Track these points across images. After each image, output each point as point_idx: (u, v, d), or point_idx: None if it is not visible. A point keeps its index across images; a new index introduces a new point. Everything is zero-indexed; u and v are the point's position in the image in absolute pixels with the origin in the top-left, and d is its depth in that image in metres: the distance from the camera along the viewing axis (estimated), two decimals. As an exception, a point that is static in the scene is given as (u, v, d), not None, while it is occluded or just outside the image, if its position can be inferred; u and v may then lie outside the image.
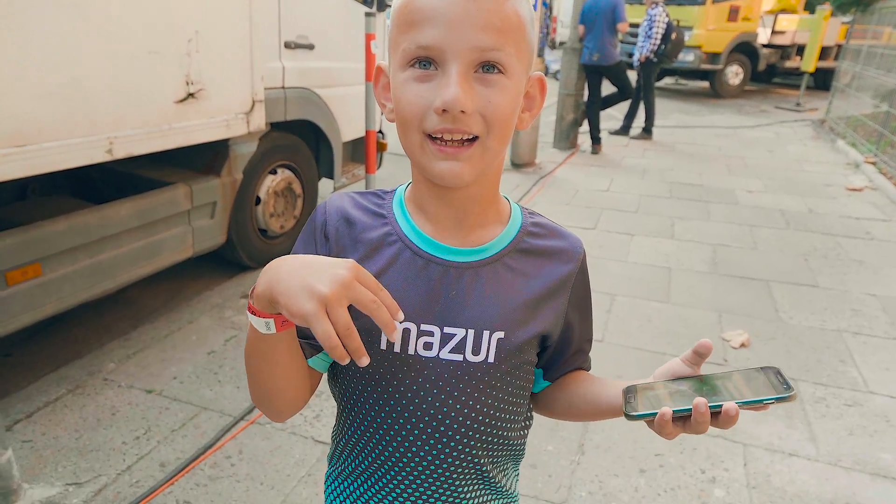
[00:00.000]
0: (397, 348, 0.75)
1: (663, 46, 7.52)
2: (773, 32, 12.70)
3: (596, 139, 7.26)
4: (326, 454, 0.91)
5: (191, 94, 2.61)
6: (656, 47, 7.52)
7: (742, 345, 3.05)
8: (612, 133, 8.25)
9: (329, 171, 4.07)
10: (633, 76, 7.56)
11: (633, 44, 8.47)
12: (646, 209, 5.25)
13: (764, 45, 12.51)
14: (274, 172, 3.59)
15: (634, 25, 8.47)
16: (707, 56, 11.52)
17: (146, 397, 2.48)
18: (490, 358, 0.75)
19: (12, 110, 1.97)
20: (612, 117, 9.02)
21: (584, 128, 7.48)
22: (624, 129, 8.27)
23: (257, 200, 3.51)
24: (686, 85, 14.47)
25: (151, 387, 2.54)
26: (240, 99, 2.91)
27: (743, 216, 5.14)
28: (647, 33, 7.54)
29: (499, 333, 0.75)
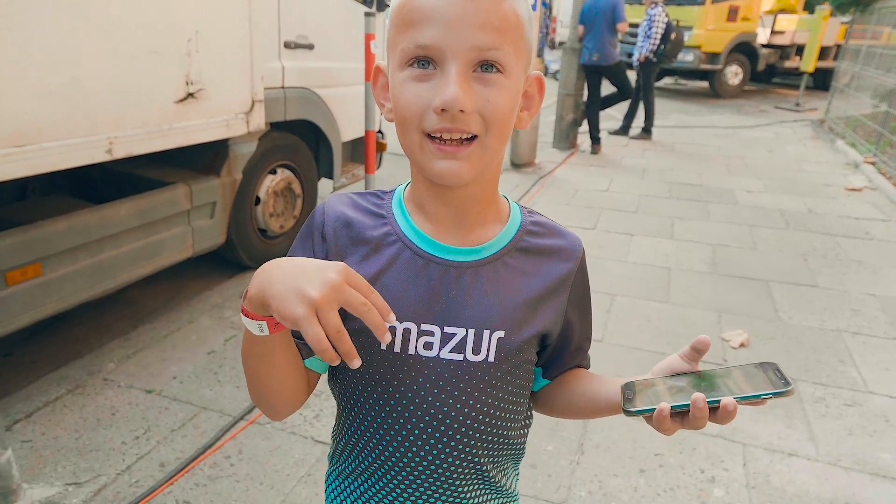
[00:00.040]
0: (398, 348, 0.75)
1: (663, 46, 7.52)
2: (773, 32, 12.70)
3: (595, 139, 7.27)
4: (326, 454, 0.91)
5: (190, 94, 2.61)
6: (656, 47, 7.52)
7: (741, 345, 3.05)
8: (611, 133, 8.25)
9: (329, 171, 4.07)
10: (632, 76, 7.57)
11: (632, 44, 8.47)
12: (645, 209, 5.25)
13: (763, 45, 12.51)
14: (274, 172, 3.59)
15: (634, 25, 8.47)
16: (706, 56, 11.53)
17: (146, 397, 2.48)
18: (490, 357, 0.76)
19: (12, 110, 1.97)
20: (611, 117, 9.02)
21: (583, 128, 7.48)
22: (623, 129, 8.27)
23: (257, 200, 3.51)
24: (685, 85, 14.47)
25: (151, 387, 2.54)
26: (239, 99, 2.91)
27: (742, 216, 5.15)
28: (646, 33, 7.54)
29: (499, 333, 0.75)
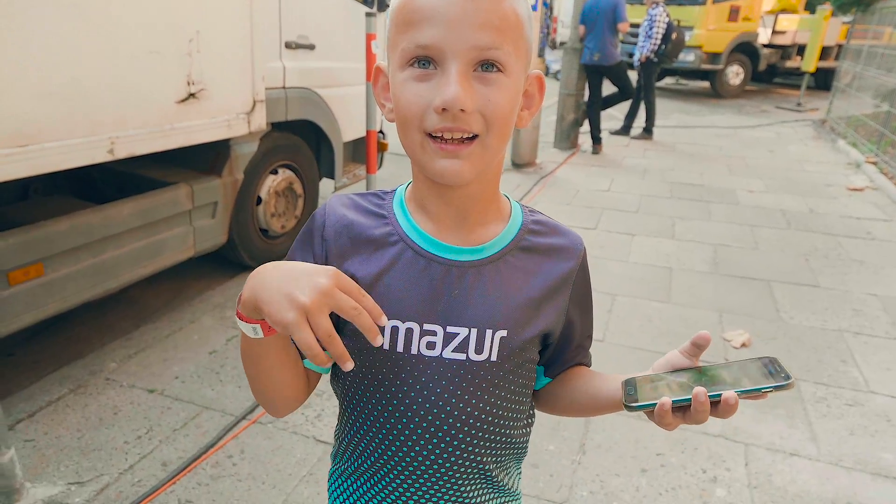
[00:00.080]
0: (400, 348, 0.75)
1: (664, 46, 7.52)
2: (774, 32, 12.70)
3: (597, 139, 7.26)
4: (328, 454, 0.92)
5: (192, 94, 2.62)
6: (657, 47, 7.52)
7: (743, 345, 3.05)
8: (612, 133, 8.24)
9: (330, 171, 4.07)
10: (633, 76, 7.56)
11: (633, 44, 8.47)
12: (647, 209, 5.25)
13: (764, 45, 12.51)
14: (275, 172, 3.59)
15: (635, 25, 8.47)
16: (707, 56, 11.52)
17: (148, 397, 2.48)
18: (493, 357, 0.76)
19: (12, 110, 1.98)
20: (612, 117, 9.02)
21: (584, 128, 7.48)
22: (625, 129, 8.27)
23: (258, 200, 3.51)
24: (686, 85, 14.47)
25: (153, 386, 2.55)
26: (241, 99, 2.92)
27: (744, 216, 5.14)
28: (647, 33, 7.54)
29: (501, 332, 0.75)
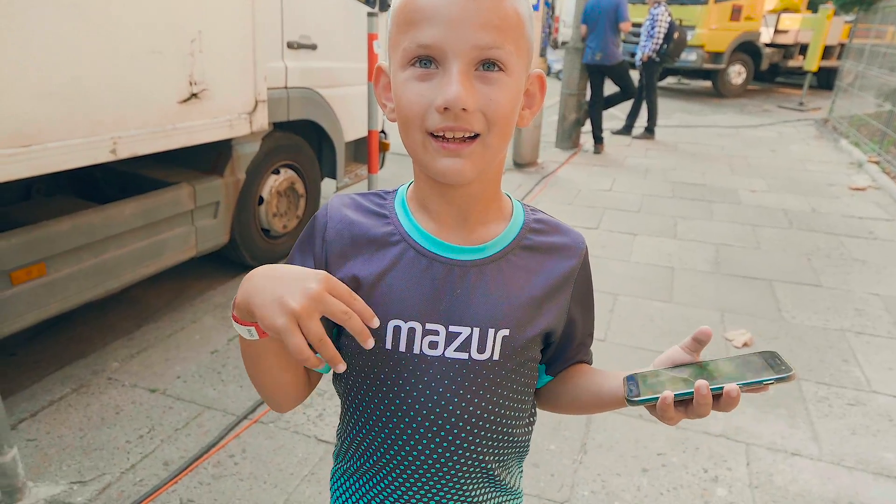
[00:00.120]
0: (403, 347, 0.75)
1: (666, 46, 7.51)
2: (776, 32, 12.68)
3: (598, 139, 7.26)
4: (329, 453, 0.92)
5: (194, 95, 2.62)
6: (659, 47, 7.51)
7: (745, 344, 3.04)
8: (614, 133, 8.24)
9: (332, 171, 4.08)
10: (635, 76, 7.56)
11: (635, 43, 8.46)
12: (648, 209, 5.25)
13: (767, 45, 12.49)
14: (277, 172, 3.60)
15: (637, 25, 8.46)
16: (709, 55, 11.51)
17: (150, 396, 2.49)
18: (495, 356, 0.76)
19: (13, 110, 1.98)
20: (614, 117, 9.01)
21: (586, 127, 7.48)
22: (626, 129, 8.27)
23: (260, 200, 3.51)
24: (688, 84, 14.45)
25: (155, 386, 2.55)
26: (243, 99, 2.92)
27: (746, 216, 5.14)
28: (649, 33, 7.53)
29: (504, 331, 0.75)
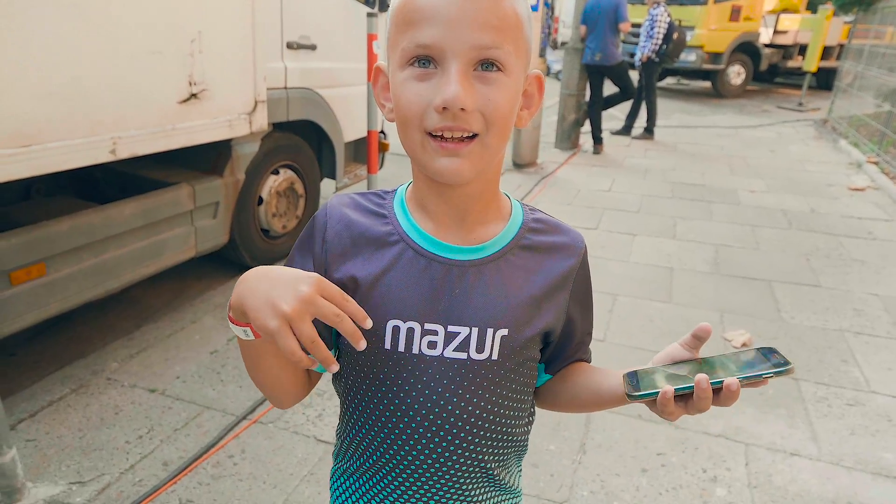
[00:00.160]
0: (402, 347, 0.75)
1: (665, 46, 7.52)
2: (775, 32, 12.69)
3: (598, 139, 7.26)
4: (328, 453, 0.92)
5: (194, 95, 2.62)
6: (658, 47, 7.51)
7: (744, 344, 3.05)
8: (613, 133, 8.24)
9: (331, 172, 4.08)
10: (634, 76, 7.56)
11: (634, 44, 8.47)
12: (648, 209, 5.25)
13: (766, 45, 12.50)
14: (276, 173, 3.60)
15: (636, 25, 8.47)
16: (709, 56, 11.52)
17: (149, 396, 2.49)
18: (494, 355, 0.76)
19: (13, 110, 1.98)
20: (613, 117, 9.02)
21: (585, 128, 7.48)
22: (626, 129, 8.27)
23: (259, 201, 3.52)
24: (688, 85, 14.46)
25: (154, 386, 2.55)
26: (242, 99, 2.92)
27: (745, 216, 5.14)
28: (648, 33, 7.54)
29: (503, 331, 0.75)
